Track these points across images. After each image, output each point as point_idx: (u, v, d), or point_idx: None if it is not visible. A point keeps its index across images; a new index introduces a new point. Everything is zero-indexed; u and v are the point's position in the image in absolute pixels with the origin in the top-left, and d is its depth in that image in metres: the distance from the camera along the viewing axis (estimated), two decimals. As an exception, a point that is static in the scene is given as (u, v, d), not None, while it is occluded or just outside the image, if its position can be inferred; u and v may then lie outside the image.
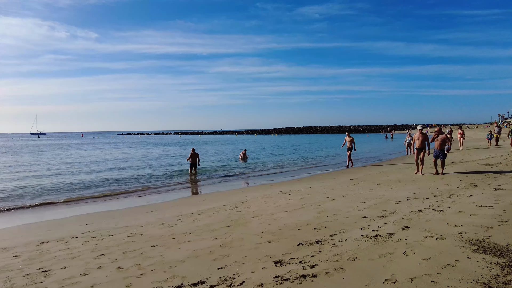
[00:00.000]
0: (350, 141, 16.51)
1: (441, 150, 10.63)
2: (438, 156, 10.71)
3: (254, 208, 7.50)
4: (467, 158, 16.25)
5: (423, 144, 11.00)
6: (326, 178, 13.32)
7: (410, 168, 13.48)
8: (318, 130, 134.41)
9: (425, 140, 11.02)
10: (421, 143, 11.03)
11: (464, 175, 10.44)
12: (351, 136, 16.73)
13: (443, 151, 10.64)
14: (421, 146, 11.04)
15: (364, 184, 10.31)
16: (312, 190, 9.73)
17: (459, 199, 6.75)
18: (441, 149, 10.61)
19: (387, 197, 7.65)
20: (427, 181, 9.65)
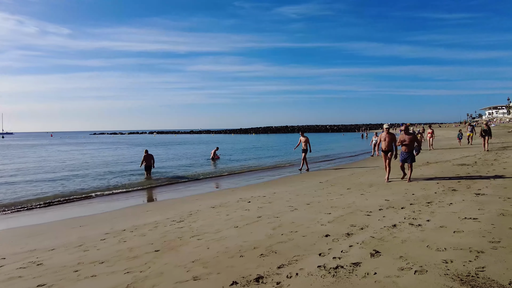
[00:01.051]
0: (305, 142, 15.16)
1: (410, 153, 9.07)
2: (406, 159, 9.15)
3: (200, 223, 6.23)
4: (441, 157, 15.65)
5: (390, 146, 9.46)
6: (294, 181, 12.22)
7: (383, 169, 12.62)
8: (296, 129, 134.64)
9: (393, 141, 9.47)
10: (388, 145, 9.45)
11: (441, 177, 9.60)
12: (306, 136, 15.39)
13: (412, 154, 9.10)
14: (388, 148, 9.47)
15: (333, 188, 9.27)
16: (276, 196, 8.57)
17: (439, 209, 5.76)
18: (410, 151, 9.07)
19: (356, 206, 6.58)
20: (402, 185, 8.70)
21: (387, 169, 9.63)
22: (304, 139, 15.15)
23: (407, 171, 9.38)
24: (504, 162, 11.69)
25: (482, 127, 16.92)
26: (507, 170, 9.82)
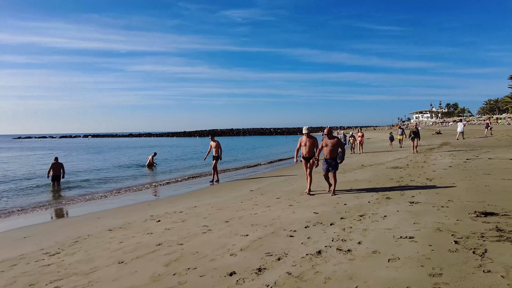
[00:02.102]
0: (216, 148, 13.03)
1: (334, 159, 7.77)
2: (329, 168, 7.84)
3: (78, 256, 4.68)
4: (376, 160, 15.63)
5: (312, 152, 8.11)
6: (224, 189, 11.00)
7: (318, 173, 11.97)
8: (241, 132, 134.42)
9: (314, 146, 8.12)
10: (309, 150, 8.08)
11: (375, 182, 9.09)
12: (216, 140, 13.18)
13: (336, 161, 7.81)
14: (309, 154, 8.11)
15: (262, 198, 8.22)
16: (194, 212, 7.25)
17: (372, 224, 4.92)
18: (333, 158, 7.76)
19: (281, 222, 5.53)
20: (335, 193, 7.96)
21: (308, 179, 8.22)
22: (214, 144, 13.09)
23: (332, 181, 7.99)
24: (433, 164, 11.72)
25: (411, 129, 17.35)
26: (437, 173, 9.66)
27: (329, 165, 7.81)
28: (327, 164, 7.85)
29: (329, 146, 7.72)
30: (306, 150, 8.12)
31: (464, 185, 7.45)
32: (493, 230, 4.13)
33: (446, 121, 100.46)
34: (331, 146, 7.71)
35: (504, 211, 4.99)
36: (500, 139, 22.80)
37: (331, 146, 7.71)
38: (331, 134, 7.91)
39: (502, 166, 9.84)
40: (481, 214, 4.85)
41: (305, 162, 8.22)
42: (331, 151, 7.73)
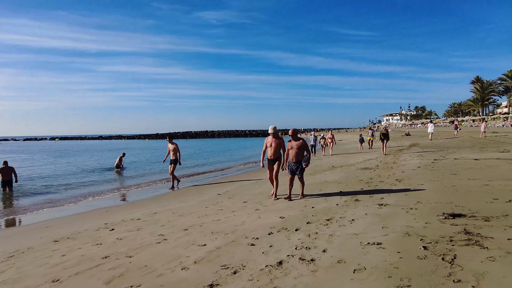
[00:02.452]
0: (174, 151, 11.93)
1: (299, 163, 7.25)
2: (294, 171, 7.32)
3: (4, 276, 4.05)
4: (346, 161, 15.62)
5: (278, 153, 7.60)
6: (191, 193, 10.47)
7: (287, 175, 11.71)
8: (216, 134, 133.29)
9: (281, 148, 7.59)
10: (274, 152, 7.54)
11: (345, 183, 8.90)
12: (175, 143, 12.19)
13: (302, 164, 7.25)
14: (274, 156, 7.58)
15: (229, 202, 7.80)
16: (153, 218, 6.72)
17: (339, 229, 4.63)
18: (299, 160, 7.25)
19: (244, 228, 5.14)
20: (304, 195, 7.68)
21: (274, 183, 7.70)
22: (172, 147, 12.00)
23: (298, 186, 7.55)
24: (402, 165, 11.77)
25: (381, 131, 17.54)
26: (406, 174, 9.63)
27: (295, 168, 7.31)
28: (292, 167, 7.34)
29: (294, 149, 7.22)
30: (271, 152, 7.57)
31: (432, 186, 7.39)
32: (462, 233, 3.94)
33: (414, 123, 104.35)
34: (296, 148, 7.22)
35: (471, 212, 4.86)
36: (464, 140, 23.66)
37: (297, 148, 7.22)
38: (296, 136, 7.37)
39: (467, 166, 9.97)
40: (449, 216, 4.68)
41: (270, 164, 7.68)
42: (296, 154, 7.22)
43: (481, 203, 5.38)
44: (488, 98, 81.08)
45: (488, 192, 6.19)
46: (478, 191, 6.40)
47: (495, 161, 10.41)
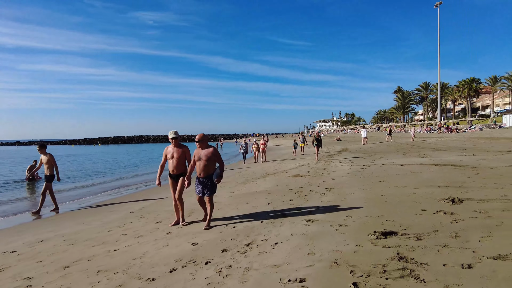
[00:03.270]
0: (48, 163, 9.15)
1: (209, 178, 5.58)
2: (203, 190, 5.63)
3: None
4: (280, 168, 15.22)
5: (182, 167, 5.85)
6: (101, 212, 8.91)
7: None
8: (151, 139, 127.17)
9: (185, 159, 5.87)
10: (177, 165, 5.79)
11: (274, 193, 8.23)
12: (49, 153, 9.29)
13: (213, 181, 5.59)
14: (177, 170, 5.82)
15: (139, 223, 6.58)
16: (34, 250, 5.24)
17: (258, 259, 3.80)
18: (209, 175, 5.58)
19: (142, 263, 4.05)
20: (228, 209, 6.78)
21: (178, 206, 5.93)
22: (45, 159, 9.19)
23: (207, 208, 5.74)
24: (332, 172, 11.59)
25: (314, 136, 17.51)
26: (336, 181, 9.33)
27: (203, 185, 5.62)
28: (200, 184, 5.66)
29: (202, 160, 5.54)
30: (173, 165, 5.79)
31: (362, 195, 7.04)
32: (395, 259, 3.37)
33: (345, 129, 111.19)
34: (205, 159, 5.53)
35: (403, 228, 4.41)
36: (390, 145, 25.13)
37: (206, 159, 5.53)
38: (204, 142, 5.66)
39: (394, 172, 10.05)
40: (380, 235, 4.15)
41: (173, 181, 5.92)
42: (205, 167, 5.55)
43: (411, 216, 5.01)
44: (407, 106, 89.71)
45: (416, 202, 5.94)
46: (406, 200, 6.14)
47: (418, 167, 10.69)
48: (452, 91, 70.46)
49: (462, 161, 11.33)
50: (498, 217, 4.58)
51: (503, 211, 4.86)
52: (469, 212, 4.96)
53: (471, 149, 17.13)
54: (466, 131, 41.58)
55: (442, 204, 5.62)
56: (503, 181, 7.27)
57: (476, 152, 14.69)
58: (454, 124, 53.67)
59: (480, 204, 5.36)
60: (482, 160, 11.39)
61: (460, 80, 67.64)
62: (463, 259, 3.25)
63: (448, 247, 3.59)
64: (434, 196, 6.30)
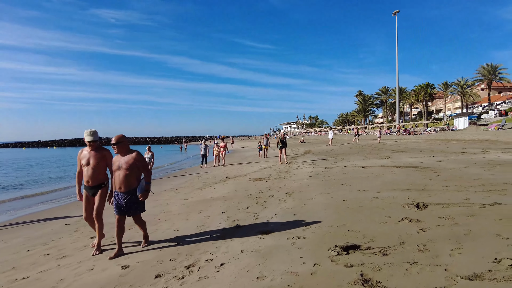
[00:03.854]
0: None
1: (131, 194, 4.33)
2: (125, 209, 4.33)
3: None
4: (242, 171, 14.57)
5: (101, 176, 4.61)
6: (29, 227, 7.73)
7: (168, 190, 9.88)
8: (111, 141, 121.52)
9: (105, 166, 4.62)
10: (92, 174, 4.53)
11: (232, 199, 7.56)
12: None
13: (136, 196, 4.37)
14: (93, 181, 4.56)
15: (69, 239, 5.61)
16: None
17: (197, 285, 3.10)
18: (131, 189, 4.33)
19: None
20: (173, 220, 6.01)
21: (96, 228, 4.58)
22: None
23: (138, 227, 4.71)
24: (294, 174, 11.13)
25: (279, 138, 16.86)
26: (297, 185, 8.84)
27: (123, 203, 4.31)
28: (119, 200, 4.32)
29: (123, 169, 4.27)
30: (88, 174, 4.52)
31: (323, 200, 6.56)
32: (359, 283, 2.82)
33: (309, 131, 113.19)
34: (126, 168, 4.26)
35: (366, 241, 3.91)
36: (351, 147, 25.40)
37: (126, 168, 4.26)
38: (125, 146, 4.40)
39: (356, 174, 9.76)
40: (342, 250, 3.61)
41: (88, 196, 4.62)
42: (126, 178, 4.26)
43: (374, 225, 4.55)
44: (368, 110, 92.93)
45: (379, 208, 5.53)
46: (369, 206, 5.72)
47: (380, 169, 10.51)
48: (409, 95, 73.85)
49: (422, 163, 11.34)
50: (464, 224, 4.23)
51: (469, 217, 4.54)
52: (435, 218, 4.60)
53: (428, 150, 17.54)
54: (422, 133, 43.50)
55: (406, 210, 5.24)
56: (463, 183, 7.13)
57: (434, 153, 14.98)
58: (413, 126, 56.19)
59: (445, 209, 5.04)
60: (441, 161, 11.48)
61: (417, 85, 71.09)
62: (435, 280, 2.77)
63: (417, 265, 3.11)
64: (398, 200, 5.95)
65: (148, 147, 14.53)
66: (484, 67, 60.59)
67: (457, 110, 71.05)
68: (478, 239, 3.66)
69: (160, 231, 5.41)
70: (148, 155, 13.97)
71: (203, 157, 18.99)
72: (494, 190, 6.21)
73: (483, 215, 4.58)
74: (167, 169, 21.67)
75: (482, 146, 18.67)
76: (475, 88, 66.37)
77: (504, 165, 9.65)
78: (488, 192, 6.04)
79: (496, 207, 4.99)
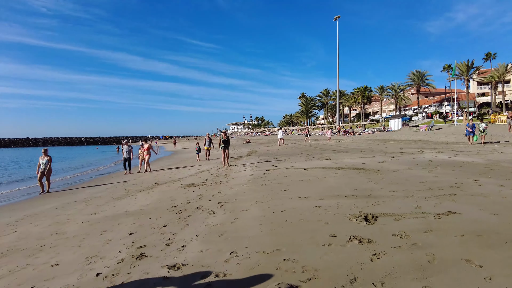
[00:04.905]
0: None
1: None
2: None
3: None
4: (176, 175, 13.05)
5: None
6: None
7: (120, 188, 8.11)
8: (41, 142, 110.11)
9: None
10: None
11: (148, 214, 6.15)
12: None
13: None
14: None
15: None
16: None
17: None
18: None
19: None
20: (58, 250, 4.47)
21: None
22: None
23: None
24: (232, 179, 9.98)
25: (221, 137, 15.41)
26: (233, 192, 7.69)
27: None
28: None
29: None
30: None
31: (258, 212, 5.47)
32: None
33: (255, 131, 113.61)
34: None
35: (306, 278, 2.87)
36: (294, 147, 25.06)
37: None
38: None
39: (297, 178, 8.90)
40: (272, 300, 2.50)
41: None
42: None
43: (317, 249, 3.54)
44: (311, 111, 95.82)
45: (322, 221, 4.58)
46: (310, 219, 4.75)
47: (322, 171, 9.81)
48: (349, 98, 77.44)
49: (365, 164, 10.92)
50: (424, 245, 3.41)
51: (426, 233, 3.75)
52: (388, 237, 3.73)
53: (368, 150, 17.62)
54: (361, 134, 45.39)
55: (354, 223, 4.35)
56: (410, 187, 6.56)
57: (374, 154, 14.91)
58: (352, 127, 58.67)
59: (398, 222, 4.24)
60: (383, 162, 11.17)
61: (356, 88, 74.82)
62: None
63: (378, 325, 2.10)
64: (343, 210, 5.08)
65: (43, 150, 12.04)
66: (414, 73, 65.72)
67: (392, 112, 76.12)
68: (447, 270, 2.80)
69: (30, 267, 3.85)
70: (43, 160, 11.70)
71: (125, 161, 15.89)
72: (443, 195, 5.65)
73: (441, 230, 3.82)
74: (93, 173, 19.11)
75: (417, 146, 19.34)
76: (406, 92, 71.69)
77: (443, 165, 9.52)
78: (438, 198, 5.45)
79: (451, 217, 4.31)
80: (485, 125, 18.37)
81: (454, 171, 8.27)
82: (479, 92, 70.71)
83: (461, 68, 53.87)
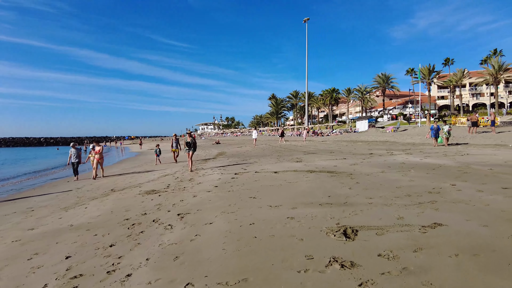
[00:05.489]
0: None
1: None
2: None
3: None
4: (137, 179, 12.02)
5: None
6: None
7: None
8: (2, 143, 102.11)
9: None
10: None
11: (94, 231, 5.26)
12: None
13: None
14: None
15: None
16: None
17: None
18: None
19: None
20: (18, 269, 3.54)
21: None
22: None
23: None
24: (198, 184, 9.20)
25: (185, 139, 14.42)
26: (197, 200, 6.95)
27: None
28: None
29: None
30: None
31: (224, 226, 4.79)
32: None
33: (225, 132, 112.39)
34: None
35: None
36: (264, 148, 24.56)
37: None
38: None
39: (267, 182, 8.31)
40: None
41: None
42: None
43: (291, 278, 2.91)
44: (280, 112, 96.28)
45: (295, 237, 3.98)
46: (283, 234, 4.14)
47: (293, 175, 9.28)
48: (317, 100, 78.50)
49: (336, 167, 10.53)
50: (418, 269, 2.89)
51: (416, 252, 3.25)
52: (373, 258, 3.19)
53: (338, 152, 17.44)
54: (329, 135, 45.89)
55: (332, 240, 3.79)
56: (387, 193, 6.15)
57: (344, 155, 14.68)
58: (320, 128, 59.33)
59: (381, 238, 3.72)
60: (355, 165, 10.85)
61: (324, 90, 75.96)
62: None
63: None
64: (318, 222, 4.51)
65: None
66: (380, 76, 67.77)
67: (358, 113, 78.09)
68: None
69: None
70: None
71: (73, 165, 14.26)
72: (424, 202, 5.26)
73: (432, 248, 3.34)
74: (46, 177, 17.42)
75: (385, 147, 19.47)
76: (372, 94, 73.81)
77: (416, 168, 9.31)
78: (419, 206, 5.04)
79: (439, 230, 3.86)
80: (449, 127, 18.83)
81: (428, 175, 8.03)
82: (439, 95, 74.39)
83: (424, 72, 56.23)
